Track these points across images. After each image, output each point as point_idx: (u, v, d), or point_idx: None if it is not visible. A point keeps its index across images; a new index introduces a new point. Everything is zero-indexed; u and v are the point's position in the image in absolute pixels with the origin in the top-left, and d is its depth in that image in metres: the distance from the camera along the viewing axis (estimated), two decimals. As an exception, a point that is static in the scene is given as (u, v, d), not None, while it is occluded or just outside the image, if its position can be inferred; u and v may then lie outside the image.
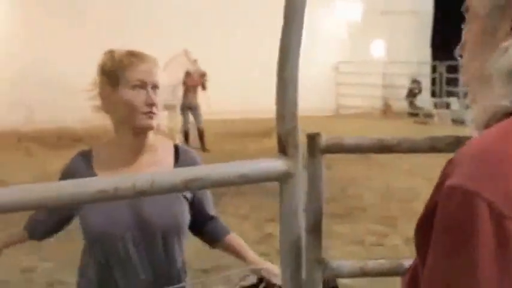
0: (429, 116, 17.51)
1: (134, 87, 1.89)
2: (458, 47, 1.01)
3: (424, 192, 8.46)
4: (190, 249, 6.33)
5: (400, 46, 19.62)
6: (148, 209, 1.90)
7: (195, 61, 11.04)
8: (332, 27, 18.26)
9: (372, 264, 1.50)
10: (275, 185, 1.06)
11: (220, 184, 0.99)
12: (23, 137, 12.65)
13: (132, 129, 1.92)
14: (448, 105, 18.12)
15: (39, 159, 10.72)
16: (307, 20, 0.95)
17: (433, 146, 1.45)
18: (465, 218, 0.75)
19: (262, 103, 15.98)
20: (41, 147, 11.74)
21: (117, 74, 1.91)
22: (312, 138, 1.40)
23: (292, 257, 1.05)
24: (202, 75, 11.15)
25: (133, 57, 1.93)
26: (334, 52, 18.39)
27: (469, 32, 0.98)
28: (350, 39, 18.99)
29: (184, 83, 11.28)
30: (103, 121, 2.00)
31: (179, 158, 2.01)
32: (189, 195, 2.00)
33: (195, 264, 5.28)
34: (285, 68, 0.97)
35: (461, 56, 1.00)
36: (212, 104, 11.71)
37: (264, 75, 16.45)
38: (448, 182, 0.79)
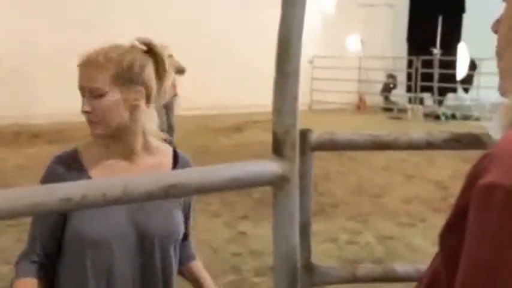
0: (403, 111, 17.55)
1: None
2: (494, 21, 0.91)
3: (397, 188, 8.50)
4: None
5: (376, 40, 19.62)
6: (147, 217, 1.78)
7: (170, 56, 10.93)
8: (306, 19, 18.17)
9: (363, 269, 1.42)
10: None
11: (206, 190, 0.88)
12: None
13: None
14: (421, 101, 18.25)
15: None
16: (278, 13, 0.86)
17: (429, 143, 1.38)
18: (508, 220, 0.67)
19: (233, 98, 15.90)
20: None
21: None
22: (303, 135, 1.31)
23: (288, 267, 0.95)
24: (180, 71, 11.12)
25: (80, 57, 1.77)
26: (309, 46, 18.25)
27: (509, 9, 0.88)
28: (325, 33, 18.76)
29: None
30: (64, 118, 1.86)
31: (178, 162, 1.89)
32: (182, 201, 1.90)
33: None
34: (286, 59, 0.85)
35: (496, 32, 0.90)
36: (182, 100, 11.65)
37: (236, 71, 16.38)
38: (484, 180, 0.71)
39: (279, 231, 1.00)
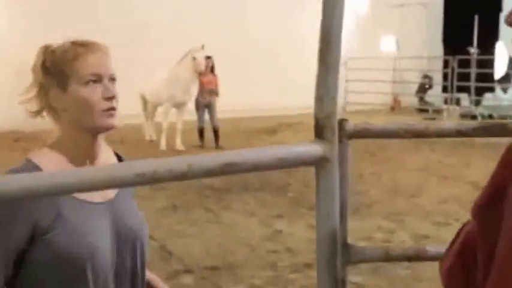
0: (438, 111, 17.18)
1: (87, 83, 1.63)
2: (507, 13, 0.89)
3: (432, 188, 8.45)
4: (201, 246, 6.28)
5: (410, 41, 19.30)
6: (126, 219, 1.71)
7: (209, 57, 10.99)
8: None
9: (396, 249, 1.52)
10: (282, 180, 1.00)
11: (257, 168, 0.98)
12: None
13: (91, 130, 1.66)
14: (458, 101, 17.78)
15: None
16: (314, 14, 0.94)
17: (459, 131, 1.46)
18: None
19: (267, 102, 15.89)
20: None
21: (64, 71, 1.63)
22: (339, 124, 1.43)
23: (328, 244, 1.05)
24: (212, 66, 11.20)
25: (80, 47, 1.65)
26: (343, 47, 18.10)
27: None
28: (359, 34, 18.37)
29: (200, 82, 11.28)
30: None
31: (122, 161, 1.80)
32: None
33: (205, 262, 5.29)
34: (328, 50, 0.98)
35: (510, 24, 0.88)
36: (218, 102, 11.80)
37: (268, 75, 16.35)
38: None
39: (320, 208, 1.09)
